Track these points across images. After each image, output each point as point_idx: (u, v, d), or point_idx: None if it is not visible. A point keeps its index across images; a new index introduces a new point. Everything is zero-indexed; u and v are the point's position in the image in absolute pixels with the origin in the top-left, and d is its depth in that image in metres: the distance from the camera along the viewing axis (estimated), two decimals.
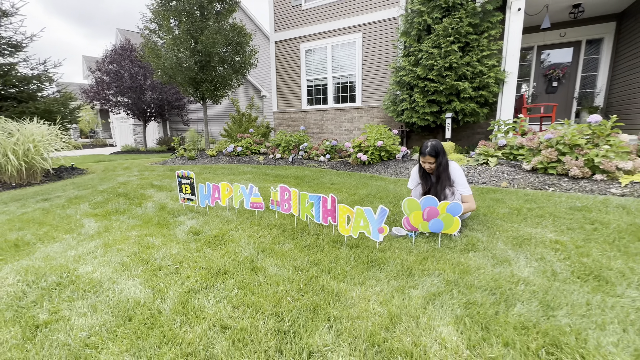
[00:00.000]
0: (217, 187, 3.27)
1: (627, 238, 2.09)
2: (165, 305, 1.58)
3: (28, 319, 1.50)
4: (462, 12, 5.79)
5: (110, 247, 2.40)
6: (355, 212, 2.23)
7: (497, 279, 1.67)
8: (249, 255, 2.14)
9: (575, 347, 1.15)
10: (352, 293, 1.61)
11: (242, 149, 8.12)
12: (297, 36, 9.30)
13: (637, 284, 1.56)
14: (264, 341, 1.28)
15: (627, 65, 6.58)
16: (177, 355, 1.23)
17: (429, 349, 1.18)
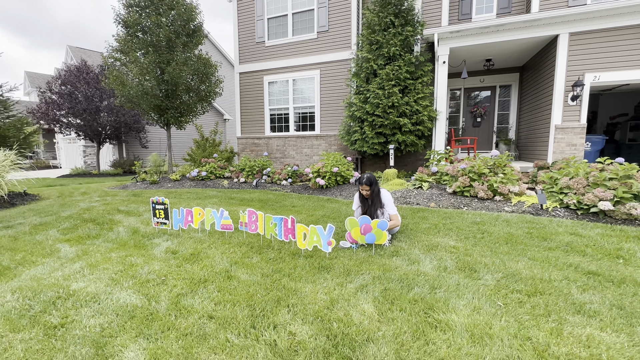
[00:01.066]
0: (190, 211, 3.70)
1: (499, 243, 2.98)
2: (160, 306, 2.03)
3: (44, 323, 1.86)
4: (400, 61, 7.00)
5: (95, 267, 2.72)
6: (310, 230, 2.86)
7: (407, 273, 2.38)
8: (223, 267, 2.63)
9: (441, 308, 1.86)
10: (306, 289, 2.20)
11: (207, 174, 8.42)
12: (261, 69, 10.08)
13: (492, 271, 2.36)
14: (242, 322, 1.81)
15: (527, 107, 8.29)
16: (178, 336, 1.71)
17: (354, 316, 1.81)
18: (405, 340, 1.59)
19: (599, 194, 3.69)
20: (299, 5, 9.35)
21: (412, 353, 1.50)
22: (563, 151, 6.35)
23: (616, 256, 2.59)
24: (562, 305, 1.87)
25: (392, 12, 7.14)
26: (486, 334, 1.61)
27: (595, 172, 3.97)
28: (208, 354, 1.55)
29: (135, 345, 1.64)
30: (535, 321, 1.72)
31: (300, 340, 1.62)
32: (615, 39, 5.98)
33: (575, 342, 1.53)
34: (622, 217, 3.57)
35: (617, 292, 2.01)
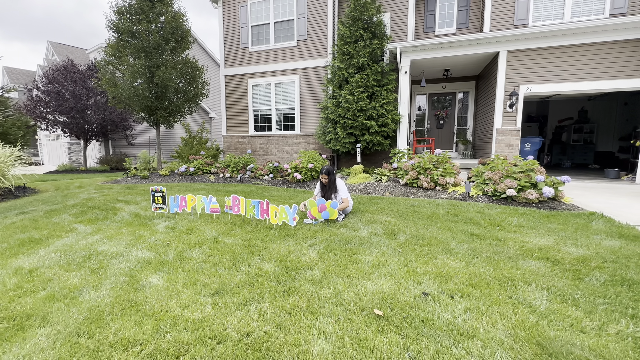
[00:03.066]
0: (184, 197, 4.52)
1: (422, 218, 3.98)
2: (168, 258, 2.88)
3: (88, 267, 2.68)
4: (369, 70, 7.97)
5: (112, 238, 3.53)
6: (280, 209, 3.76)
7: (347, 236, 3.32)
8: (212, 236, 3.49)
9: (360, 253, 2.80)
10: (273, 246, 3.10)
11: (195, 169, 9.16)
12: (245, 73, 10.85)
13: (406, 235, 3.33)
14: (226, 264, 2.69)
15: (481, 112, 9.46)
16: (183, 271, 2.57)
17: (302, 259, 2.73)
18: (330, 267, 2.52)
19: (508, 183, 4.76)
20: (280, 15, 10.18)
21: (333, 272, 2.43)
22: (503, 150, 7.51)
23: (497, 225, 3.63)
24: (439, 251, 2.86)
25: (362, 27, 8.09)
26: (382, 264, 2.57)
27: (508, 167, 5.05)
28: (205, 277, 2.43)
29: (156, 275, 2.49)
30: (415, 258, 2.69)
31: (265, 271, 2.52)
32: (543, 57, 7.16)
33: (433, 266, 2.50)
34: (523, 201, 4.65)
35: (480, 243, 3.02)
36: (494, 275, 2.32)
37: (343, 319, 1.81)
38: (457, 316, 1.81)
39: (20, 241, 3.44)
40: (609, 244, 2.94)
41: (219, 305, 1.99)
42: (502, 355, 1.49)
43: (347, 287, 2.19)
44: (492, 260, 2.62)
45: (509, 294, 2.06)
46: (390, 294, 2.08)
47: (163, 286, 2.29)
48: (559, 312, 1.83)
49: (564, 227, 3.51)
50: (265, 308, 1.95)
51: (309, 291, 2.15)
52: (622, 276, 2.25)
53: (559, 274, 2.33)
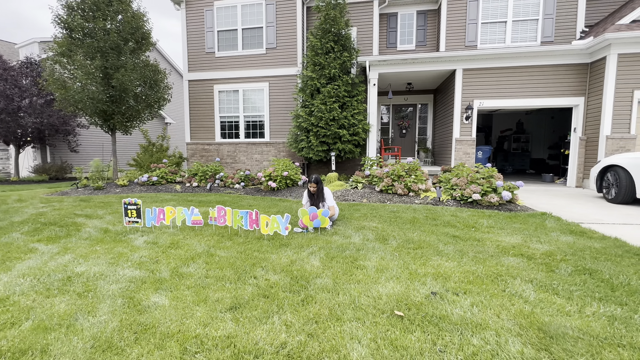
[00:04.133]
0: (162, 210, 4.27)
1: (406, 223, 4.25)
2: (163, 275, 2.71)
3: (72, 291, 2.42)
4: (339, 81, 8.27)
5: (87, 257, 3.21)
6: (271, 219, 3.75)
7: (342, 243, 3.43)
8: (204, 250, 3.36)
9: (361, 258, 2.93)
10: (272, 257, 3.09)
11: (158, 178, 8.58)
12: (211, 78, 10.53)
13: (397, 239, 3.55)
14: (230, 277, 2.63)
15: (439, 123, 10.33)
16: (186, 287, 2.45)
17: (307, 268, 2.77)
18: (338, 275, 2.61)
19: (473, 188, 5.30)
20: (248, 23, 10.11)
21: (342, 279, 2.52)
22: (461, 158, 8.28)
23: (472, 227, 4.03)
24: (431, 253, 3.11)
25: (332, 39, 8.40)
26: (385, 268, 2.72)
27: (472, 174, 5.62)
28: (213, 293, 2.35)
29: (157, 294, 2.35)
30: (413, 260, 2.90)
31: (274, 282, 2.52)
32: (492, 76, 8.11)
33: (431, 267, 2.72)
34: (486, 204, 5.21)
35: (463, 244, 3.34)
36: (485, 272, 2.61)
37: (369, 322, 1.91)
38: (467, 311, 2.02)
39: None
40: (564, 239, 3.46)
41: (241, 320, 1.96)
42: (513, 341, 1.71)
43: (361, 292, 2.30)
44: (479, 259, 2.93)
45: (501, 287, 2.34)
46: (402, 295, 2.24)
47: (171, 305, 2.17)
48: (546, 301, 2.13)
49: (526, 226, 4.03)
50: (290, 319, 1.97)
51: (326, 299, 2.21)
52: (583, 266, 2.69)
53: (535, 268, 2.70)
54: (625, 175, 5.28)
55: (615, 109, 6.99)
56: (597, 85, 7.35)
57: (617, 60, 6.90)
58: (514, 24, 9.47)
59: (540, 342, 1.70)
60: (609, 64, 6.97)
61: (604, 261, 2.80)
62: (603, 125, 7.10)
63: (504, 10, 9.49)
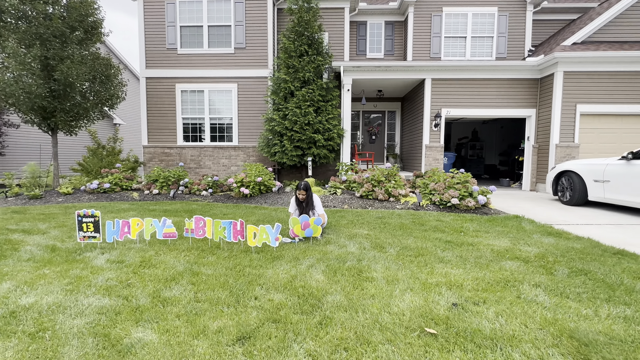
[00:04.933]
0: (127, 222, 3.69)
1: (395, 229, 4.19)
2: (142, 301, 2.26)
3: (20, 331, 1.88)
4: (314, 85, 8.13)
5: (32, 284, 2.59)
6: (260, 229, 3.41)
7: (340, 254, 3.23)
8: (184, 268, 2.92)
9: (366, 270, 2.76)
10: (268, 273, 2.78)
11: (111, 185, 7.61)
12: (173, 76, 9.73)
13: (394, 246, 3.45)
14: (226, 300, 2.28)
15: (407, 130, 10.69)
16: (176, 316, 2.05)
17: (311, 283, 2.52)
18: (349, 290, 2.40)
19: (451, 193, 5.45)
20: (215, 20, 9.56)
21: (355, 295, 2.31)
22: (431, 164, 8.61)
23: (460, 231, 4.09)
24: (433, 260, 3.04)
25: (306, 42, 8.25)
26: (394, 279, 2.58)
27: (448, 179, 5.80)
28: (212, 321, 1.99)
29: (139, 327, 1.92)
30: (419, 269, 2.80)
31: (280, 302, 2.23)
32: (458, 87, 8.59)
33: (440, 276, 2.64)
34: (463, 208, 5.39)
35: (460, 250, 3.34)
36: (493, 278, 2.59)
37: (402, 344, 1.73)
38: (494, 322, 1.94)
39: None
40: (547, 241, 3.64)
41: (256, 354, 1.66)
42: (553, 352, 1.65)
43: (380, 308, 2.12)
44: (481, 264, 2.92)
45: (515, 294, 2.32)
46: (424, 309, 2.10)
47: (161, 341, 1.78)
48: (562, 305, 2.14)
49: (508, 229, 4.20)
50: (313, 347, 1.71)
51: (345, 319, 1.98)
52: (577, 268, 2.81)
53: (535, 271, 2.75)
54: (578, 180, 5.84)
55: (562, 121, 7.80)
56: (546, 98, 8.16)
57: (562, 77, 7.73)
58: (473, 40, 10.20)
59: (578, 351, 1.66)
60: (556, 80, 7.77)
61: (591, 261, 2.96)
62: (553, 134, 7.88)
63: (464, 26, 10.20)
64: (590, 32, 8.09)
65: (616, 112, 7.78)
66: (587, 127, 7.89)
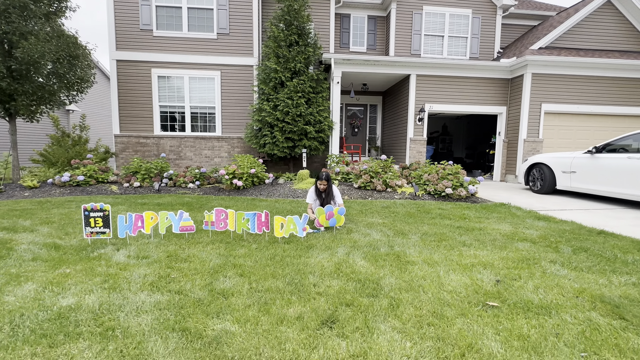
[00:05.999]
0: (141, 216, 3.48)
1: (406, 217, 4.43)
2: (199, 295, 2.20)
3: (86, 332, 1.76)
4: (304, 76, 8.08)
5: (60, 284, 2.38)
6: (287, 220, 3.43)
7: (369, 241, 3.37)
8: (222, 261, 2.86)
9: (403, 255, 2.93)
10: (310, 261, 2.82)
11: (85, 178, 6.96)
12: (148, 60, 9.04)
13: (414, 233, 3.67)
14: (288, 289, 2.30)
15: (388, 123, 11.08)
16: (245, 308, 2.04)
17: (359, 270, 2.63)
18: (397, 273, 2.55)
19: (445, 183, 5.85)
20: (195, 1, 9.00)
21: (406, 277, 2.47)
22: (415, 156, 9.06)
23: (464, 218, 4.45)
24: (455, 243, 3.31)
25: (296, 32, 8.14)
26: (433, 261, 2.78)
27: (441, 171, 6.20)
28: (285, 309, 2.02)
29: (215, 320, 1.89)
30: (449, 252, 3.04)
31: (340, 288, 2.31)
32: (440, 83, 9.08)
33: (471, 258, 2.90)
34: (456, 197, 5.82)
35: (474, 234, 3.66)
36: (515, 257, 2.91)
37: (474, 316, 1.92)
38: (536, 293, 2.22)
39: None
40: (540, 224, 4.12)
41: (349, 335, 1.73)
42: (595, 315, 1.95)
43: (437, 287, 2.30)
44: (498, 246, 3.25)
45: (540, 270, 2.64)
46: (473, 286, 2.32)
47: (247, 330, 1.78)
48: (580, 277, 2.50)
49: (502, 215, 4.66)
50: (398, 325, 1.83)
51: (412, 299, 2.13)
52: (576, 246, 3.25)
53: (545, 250, 3.14)
54: (548, 171, 6.58)
55: (529, 118, 8.66)
56: (516, 97, 8.98)
57: (531, 78, 8.55)
58: (450, 39, 10.79)
59: (613, 312, 1.98)
60: (525, 80, 8.58)
61: (584, 240, 3.43)
62: (521, 130, 8.72)
63: (442, 25, 10.73)
64: (553, 38, 9.00)
65: (573, 112, 8.82)
66: (549, 124, 8.84)
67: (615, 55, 8.88)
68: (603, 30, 9.26)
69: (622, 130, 8.80)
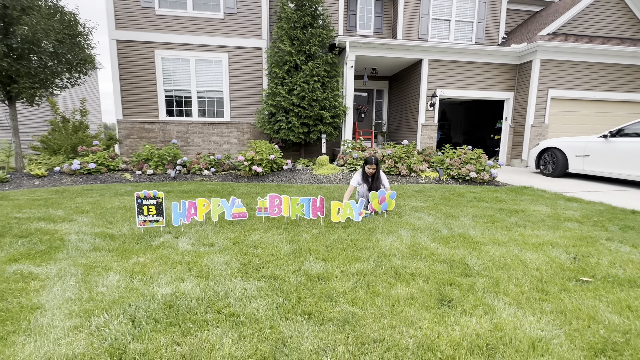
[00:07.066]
0: (193, 203, 3.39)
1: (443, 200, 4.52)
2: (295, 279, 2.20)
3: (215, 319, 1.73)
4: (319, 60, 7.91)
5: (145, 274, 2.31)
6: (344, 204, 3.43)
7: (425, 224, 3.43)
8: (295, 246, 2.84)
9: (467, 236, 3.01)
10: (381, 244, 2.86)
11: (96, 165, 6.65)
12: (151, 41, 8.56)
13: (463, 216, 3.77)
14: (377, 272, 2.33)
15: (395, 108, 11.09)
16: (349, 289, 2.06)
17: (436, 252, 2.68)
18: (475, 254, 2.62)
19: (469, 168, 5.98)
20: None
21: (486, 257, 2.54)
22: (426, 141, 9.17)
23: (499, 201, 4.59)
24: (509, 224, 3.43)
25: (309, 14, 7.89)
26: (499, 242, 2.88)
27: (463, 155, 6.32)
28: (391, 290, 2.05)
29: (334, 303, 1.90)
30: (509, 233, 3.15)
31: (430, 268, 2.36)
32: (450, 68, 9.11)
33: (533, 237, 3.02)
34: (479, 181, 5.98)
35: (518, 216, 3.80)
36: (573, 236, 3.05)
37: (576, 291, 2.01)
38: (616, 268, 2.35)
39: None
40: (574, 205, 4.31)
41: (468, 312, 1.79)
42: None
43: (522, 265, 2.39)
44: (550, 226, 3.39)
45: (603, 247, 2.79)
46: (553, 263, 2.43)
47: (371, 313, 1.80)
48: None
49: (532, 197, 4.83)
50: (512, 301, 1.90)
51: (508, 277, 2.21)
52: (621, 224, 3.43)
53: (594, 229, 3.30)
54: (561, 155, 6.83)
55: (537, 103, 8.88)
56: (524, 83, 9.16)
57: (540, 64, 8.71)
58: (457, 24, 10.76)
59: None
60: (534, 66, 8.74)
61: (624, 219, 3.63)
62: (529, 116, 8.95)
63: (450, 9, 10.66)
64: (560, 24, 9.15)
65: (577, 98, 9.11)
66: (554, 109, 9.11)
67: (616, 42, 9.15)
68: (605, 17, 9.49)
69: (621, 116, 9.20)
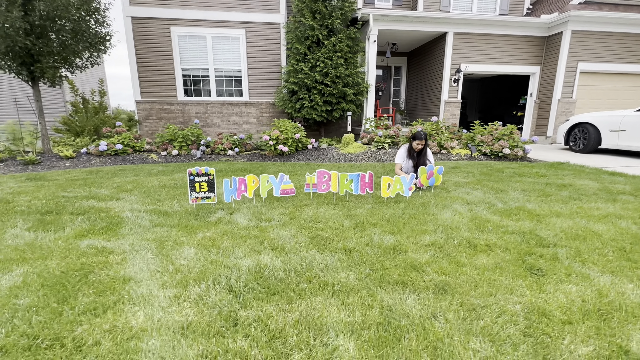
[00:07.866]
0: (244, 180, 3.38)
1: (482, 176, 4.46)
2: (373, 252, 2.20)
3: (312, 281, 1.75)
4: (342, 34, 7.63)
5: (219, 247, 2.32)
6: (394, 179, 3.39)
7: (477, 199, 3.39)
8: (352, 221, 2.83)
9: (526, 209, 2.98)
10: (439, 218, 2.84)
11: (123, 146, 6.63)
12: (166, 17, 8.29)
13: (511, 190, 3.72)
14: (441, 241, 2.32)
15: (415, 85, 10.81)
16: (432, 260, 2.06)
17: (498, 223, 2.66)
18: (542, 226, 2.60)
19: (502, 144, 5.87)
20: None
21: (555, 229, 2.52)
22: (448, 119, 8.98)
23: (541, 176, 4.53)
24: (563, 198, 3.38)
25: None
26: (563, 214, 2.85)
27: (494, 131, 6.19)
28: (471, 259, 2.04)
29: (427, 273, 1.91)
30: (567, 206, 3.11)
31: (502, 239, 2.34)
32: (475, 42, 8.76)
33: (594, 210, 2.98)
34: (512, 157, 5.88)
35: (568, 190, 3.74)
36: (635, 208, 3.01)
37: None
38: None
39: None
40: (619, 179, 4.24)
41: (569, 281, 1.79)
42: None
43: (595, 236, 2.36)
44: (606, 199, 3.34)
45: None
46: (627, 234, 2.40)
47: (465, 281, 1.81)
48: None
49: (573, 172, 4.75)
50: (603, 269, 1.89)
51: (590, 247, 2.19)
52: None
53: None
54: (593, 130, 6.66)
55: (565, 78, 8.58)
56: (552, 56, 8.81)
57: (570, 36, 8.34)
58: None
59: None
60: (564, 38, 8.37)
61: None
62: (556, 90, 8.67)
63: None
64: None
65: (607, 71, 8.77)
66: (582, 84, 8.81)
67: None
68: None
69: None
